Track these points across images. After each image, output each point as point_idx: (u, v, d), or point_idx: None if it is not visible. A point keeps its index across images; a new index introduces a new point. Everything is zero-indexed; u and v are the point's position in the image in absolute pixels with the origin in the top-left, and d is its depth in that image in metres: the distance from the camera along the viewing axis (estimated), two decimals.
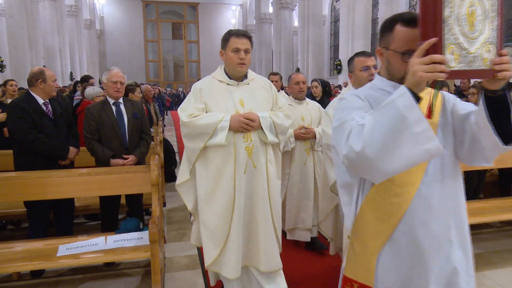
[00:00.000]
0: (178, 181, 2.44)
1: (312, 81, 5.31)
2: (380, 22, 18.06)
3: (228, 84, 2.30)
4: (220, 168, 2.23)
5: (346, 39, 14.02)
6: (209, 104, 2.26)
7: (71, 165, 3.32)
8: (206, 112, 2.26)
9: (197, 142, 2.22)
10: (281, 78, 4.57)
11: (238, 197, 2.25)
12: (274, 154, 2.39)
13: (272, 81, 4.92)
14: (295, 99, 3.44)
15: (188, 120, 2.21)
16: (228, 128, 2.17)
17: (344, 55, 14.33)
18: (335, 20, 23.15)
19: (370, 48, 14.12)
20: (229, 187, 2.24)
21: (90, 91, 4.56)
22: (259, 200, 2.30)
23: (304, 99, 3.46)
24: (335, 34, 23.27)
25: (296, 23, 21.73)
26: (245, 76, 2.36)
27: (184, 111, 2.27)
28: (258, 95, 2.34)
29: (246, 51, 2.25)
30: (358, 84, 2.40)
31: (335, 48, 23.14)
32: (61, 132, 3.18)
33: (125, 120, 3.29)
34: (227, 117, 2.18)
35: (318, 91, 5.17)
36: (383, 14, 16.06)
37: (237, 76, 2.32)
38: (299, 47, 18.08)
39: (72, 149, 3.22)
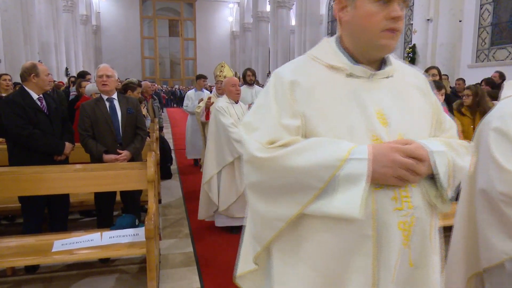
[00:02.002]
0: (238, 271, 1.33)
1: None
2: None
3: (349, 75, 1.08)
4: (338, 271, 1.01)
5: None
6: (311, 118, 1.04)
7: (66, 161, 3.31)
8: (306, 137, 1.04)
9: (284, 204, 1.03)
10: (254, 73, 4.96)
11: None
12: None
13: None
14: None
15: (267, 154, 1.01)
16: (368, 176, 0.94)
17: None
18: (332, 20, 23.18)
19: None
20: None
21: (90, 87, 4.54)
22: None
23: None
24: (332, 34, 23.10)
25: (293, 22, 21.75)
26: (383, 62, 1.13)
27: (254, 131, 1.08)
28: (410, 103, 1.12)
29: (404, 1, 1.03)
30: None
31: None
32: (56, 128, 3.18)
33: (119, 115, 3.28)
34: (361, 150, 0.96)
35: None
36: None
37: (372, 59, 1.10)
38: (296, 46, 18.08)
39: (68, 145, 3.22)
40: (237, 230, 3.65)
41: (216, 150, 3.71)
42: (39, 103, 3.09)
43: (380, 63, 1.14)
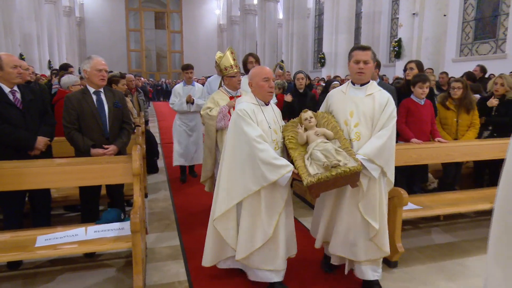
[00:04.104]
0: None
1: (298, 73, 5.30)
2: (364, 16, 18.27)
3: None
4: None
5: (330, 33, 14.09)
6: None
7: (49, 155, 3.23)
8: None
9: None
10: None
11: None
12: None
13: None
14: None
15: None
16: None
17: (327, 49, 14.40)
18: (320, 14, 23.19)
19: (353, 42, 14.26)
20: None
21: (66, 79, 4.46)
22: None
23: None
24: (319, 28, 23.33)
25: (281, 15, 21.67)
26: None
27: None
28: None
29: None
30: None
31: (319, 41, 23.22)
32: (29, 122, 3.02)
33: (106, 109, 3.21)
34: None
35: (304, 83, 5.18)
36: (367, 9, 16.19)
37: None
38: (283, 39, 18.05)
39: (40, 139, 3.04)
40: None
41: (234, 173, 2.47)
42: (11, 96, 2.96)
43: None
